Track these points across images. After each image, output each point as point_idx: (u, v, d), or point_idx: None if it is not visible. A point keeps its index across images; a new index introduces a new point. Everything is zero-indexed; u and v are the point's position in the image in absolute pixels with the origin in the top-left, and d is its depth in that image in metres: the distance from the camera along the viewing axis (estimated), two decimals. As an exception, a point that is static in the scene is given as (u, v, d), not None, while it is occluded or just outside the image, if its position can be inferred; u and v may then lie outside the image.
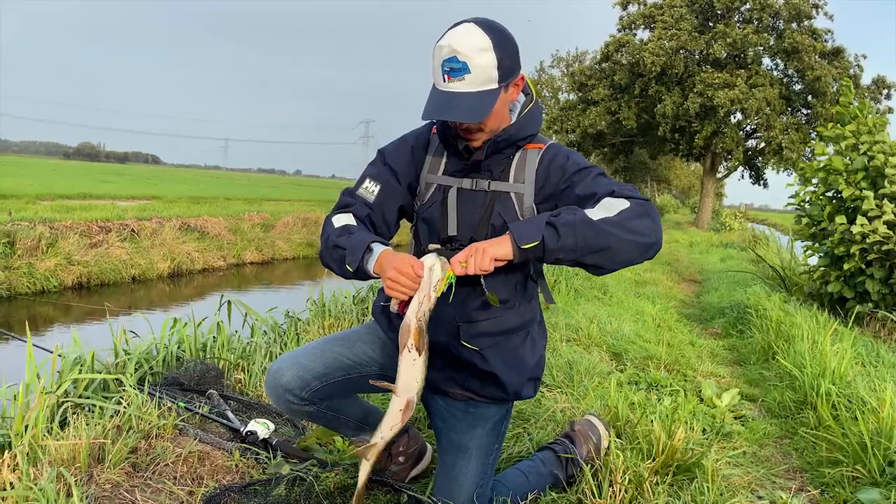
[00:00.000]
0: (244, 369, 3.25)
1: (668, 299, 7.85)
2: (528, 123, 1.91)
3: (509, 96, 1.86)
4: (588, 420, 2.54)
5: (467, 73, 1.73)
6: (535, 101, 1.94)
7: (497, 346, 1.98)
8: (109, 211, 13.59)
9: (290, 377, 1.98)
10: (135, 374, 2.75)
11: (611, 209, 1.71)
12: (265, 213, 16.76)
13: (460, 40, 1.72)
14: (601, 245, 1.68)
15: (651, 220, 1.74)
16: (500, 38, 1.76)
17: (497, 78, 1.76)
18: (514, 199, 1.90)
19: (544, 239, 1.66)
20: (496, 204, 1.90)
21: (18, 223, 10.52)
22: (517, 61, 1.82)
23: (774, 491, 2.65)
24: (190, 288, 12.02)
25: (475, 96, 1.75)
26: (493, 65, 1.74)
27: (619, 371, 4.16)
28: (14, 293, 9.31)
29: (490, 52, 1.73)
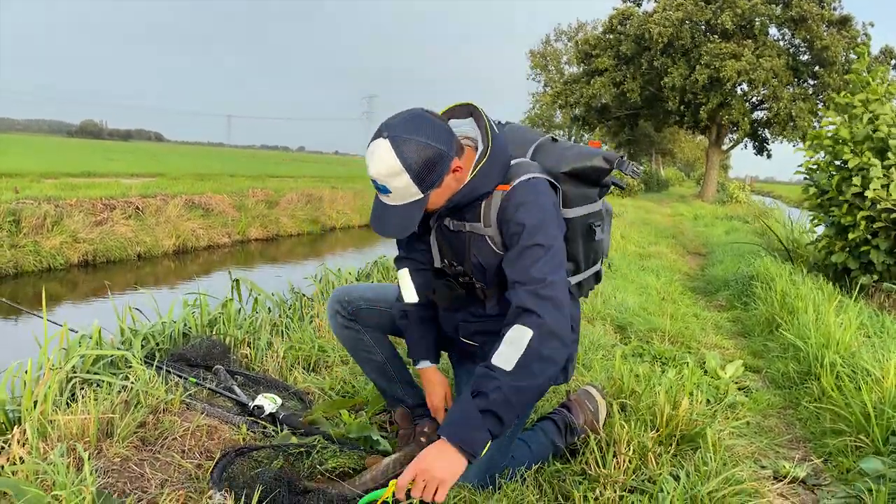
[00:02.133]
0: (250, 345, 3.27)
1: (673, 272, 7.84)
2: (478, 185, 1.90)
3: (447, 185, 1.87)
4: (585, 390, 2.57)
5: (389, 192, 1.81)
6: (489, 156, 1.89)
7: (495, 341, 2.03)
8: (114, 188, 13.59)
9: (342, 294, 2.41)
10: (142, 350, 2.78)
11: (518, 344, 1.75)
12: (269, 190, 16.73)
13: (375, 165, 1.79)
14: (534, 396, 1.86)
15: (554, 337, 1.77)
16: (414, 153, 1.76)
17: (418, 191, 1.81)
18: (489, 240, 1.98)
19: (491, 431, 1.69)
20: (472, 244, 2.01)
21: (24, 201, 10.53)
22: (442, 162, 1.81)
23: (777, 460, 2.68)
24: (195, 265, 12.06)
25: (402, 210, 1.84)
26: (408, 184, 1.79)
27: (624, 344, 4.18)
28: (20, 271, 9.36)
29: (402, 174, 1.77)
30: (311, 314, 4.23)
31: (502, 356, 1.74)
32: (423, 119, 1.82)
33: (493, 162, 1.90)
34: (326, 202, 17.81)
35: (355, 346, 2.46)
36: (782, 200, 22.48)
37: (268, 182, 20.27)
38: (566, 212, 2.06)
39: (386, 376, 2.51)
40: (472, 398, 1.70)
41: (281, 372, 3.16)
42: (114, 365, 2.65)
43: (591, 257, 2.23)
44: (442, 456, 1.66)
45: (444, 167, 1.82)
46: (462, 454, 1.66)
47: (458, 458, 1.66)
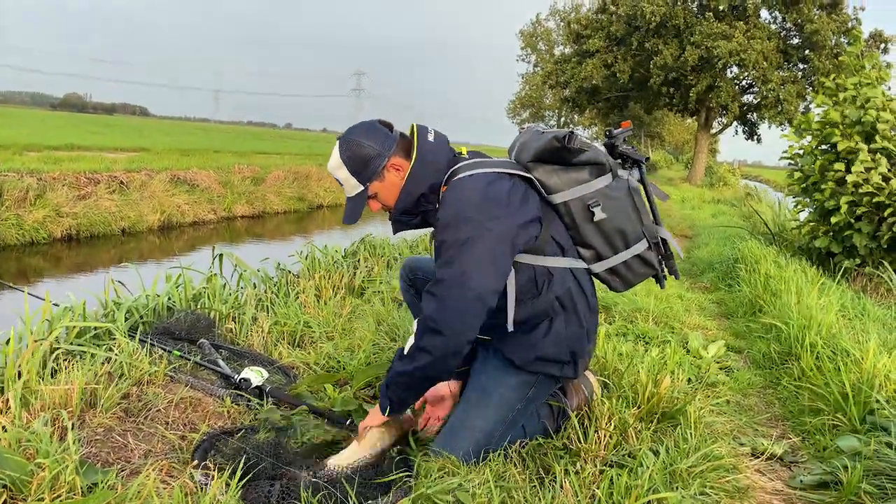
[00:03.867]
0: (235, 319, 3.27)
1: (659, 254, 7.89)
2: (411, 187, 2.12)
3: (391, 180, 2.14)
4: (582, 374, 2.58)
5: (342, 185, 2.16)
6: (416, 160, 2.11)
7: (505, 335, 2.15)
8: (98, 163, 13.43)
9: (410, 262, 2.65)
10: (125, 323, 2.77)
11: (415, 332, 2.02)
12: (255, 167, 16.60)
13: (329, 162, 2.16)
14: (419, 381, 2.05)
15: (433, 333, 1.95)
16: (351, 150, 2.11)
17: (357, 182, 2.13)
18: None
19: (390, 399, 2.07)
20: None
21: (5, 174, 10.39)
22: (376, 159, 2.11)
23: (756, 438, 2.72)
24: (180, 241, 11.98)
25: (352, 201, 2.16)
26: (348, 176, 2.13)
27: (608, 323, 4.21)
28: (2, 244, 9.26)
29: (343, 168, 2.12)
30: (297, 290, 4.23)
31: (410, 340, 2.03)
32: (370, 126, 2.16)
33: (421, 164, 2.11)
34: (314, 180, 17.71)
35: (413, 304, 2.66)
36: (769, 185, 22.63)
37: (254, 159, 20.12)
38: (552, 198, 2.15)
39: None
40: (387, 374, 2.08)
41: (266, 347, 3.16)
42: (97, 338, 2.63)
43: (614, 239, 2.21)
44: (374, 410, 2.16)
45: (379, 163, 2.10)
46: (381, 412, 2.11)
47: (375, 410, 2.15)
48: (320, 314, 3.60)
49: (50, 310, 2.55)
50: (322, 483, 1.78)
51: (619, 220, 2.20)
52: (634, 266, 2.28)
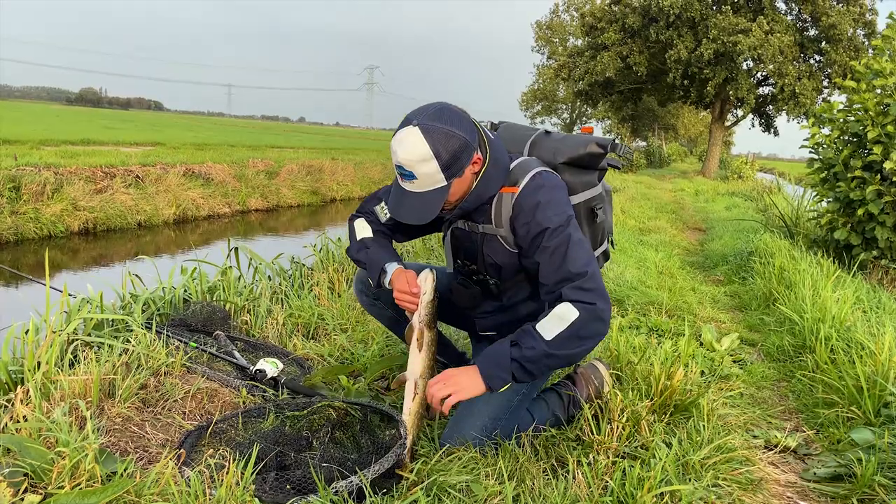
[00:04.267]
0: (250, 311, 3.30)
1: (672, 247, 7.86)
2: (482, 191, 2.00)
3: (466, 177, 1.97)
4: (592, 364, 2.60)
5: (414, 178, 1.90)
6: (490, 162, 1.99)
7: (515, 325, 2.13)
8: (114, 157, 13.54)
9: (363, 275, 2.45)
10: (142, 315, 2.80)
11: (563, 319, 1.88)
12: (269, 160, 16.67)
13: (404, 151, 1.87)
14: (562, 364, 1.97)
15: (601, 321, 1.91)
16: (442, 141, 1.86)
17: (444, 178, 1.90)
18: (501, 240, 2.09)
19: (514, 376, 1.91)
20: (485, 245, 2.13)
21: (23, 168, 10.50)
22: (467, 151, 1.91)
23: (769, 430, 2.71)
24: (195, 234, 12.07)
25: (423, 197, 1.93)
26: (436, 171, 1.88)
27: (621, 316, 4.21)
28: (21, 238, 9.37)
29: (432, 161, 1.86)
30: (311, 283, 4.26)
31: (546, 326, 1.89)
32: (450, 110, 1.92)
33: (495, 167, 2.00)
34: (327, 173, 17.77)
35: (382, 317, 2.56)
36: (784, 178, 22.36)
37: (268, 153, 20.19)
38: (570, 199, 2.16)
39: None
40: (510, 345, 1.91)
41: (281, 338, 3.19)
42: (115, 329, 2.67)
43: (597, 238, 2.33)
44: (468, 375, 1.94)
45: (468, 157, 1.91)
46: (483, 382, 1.92)
47: (479, 382, 1.93)
48: (334, 306, 3.63)
49: (68, 301, 2.58)
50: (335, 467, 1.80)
51: (608, 221, 2.41)
52: (599, 261, 2.40)
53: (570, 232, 1.97)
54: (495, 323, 2.29)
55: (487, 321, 2.31)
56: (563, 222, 1.98)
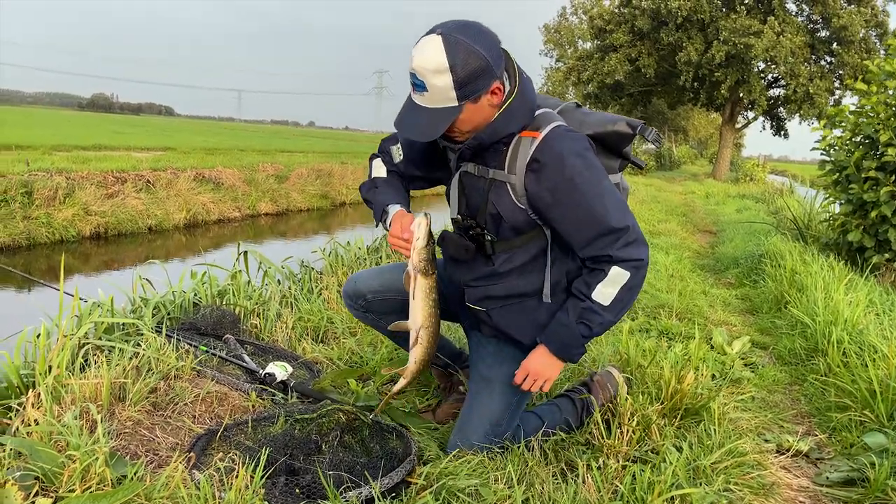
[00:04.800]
0: (260, 315, 3.30)
1: (683, 250, 7.82)
2: (502, 124, 1.87)
3: (482, 106, 1.83)
4: (608, 371, 2.57)
5: (425, 90, 1.77)
6: (517, 94, 1.87)
7: (506, 309, 2.10)
8: (125, 162, 13.63)
9: (350, 289, 2.38)
10: (152, 318, 2.82)
11: (616, 283, 1.91)
12: (279, 165, 16.73)
13: (421, 57, 1.74)
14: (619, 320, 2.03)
15: (646, 269, 1.95)
16: (463, 56, 1.72)
17: (455, 98, 1.76)
18: (509, 188, 1.95)
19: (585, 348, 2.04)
20: (491, 193, 1.98)
21: (35, 173, 10.59)
22: (487, 75, 1.77)
23: (781, 434, 2.69)
24: (206, 238, 12.12)
25: (431, 113, 1.80)
26: (448, 86, 1.74)
27: (631, 319, 4.19)
28: (33, 242, 9.44)
29: (446, 74, 1.72)
30: (321, 287, 4.26)
31: (602, 293, 1.92)
32: (479, 28, 1.79)
33: (521, 102, 1.88)
34: (336, 177, 17.81)
35: (378, 326, 2.45)
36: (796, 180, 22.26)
37: (278, 157, 20.27)
38: None
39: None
40: (575, 323, 1.95)
41: (290, 342, 3.20)
42: (126, 333, 2.68)
43: None
44: (548, 362, 2.03)
45: (487, 82, 1.78)
46: (562, 362, 2.05)
47: (559, 363, 2.04)
48: (343, 310, 3.63)
49: (79, 305, 2.60)
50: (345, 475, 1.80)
51: None
52: None
53: (605, 182, 1.90)
54: (485, 294, 2.10)
55: (478, 290, 2.11)
56: (596, 172, 1.89)
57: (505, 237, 2.03)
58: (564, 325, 1.96)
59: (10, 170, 10.44)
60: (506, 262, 2.05)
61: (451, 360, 2.60)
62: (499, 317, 2.11)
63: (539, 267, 2.06)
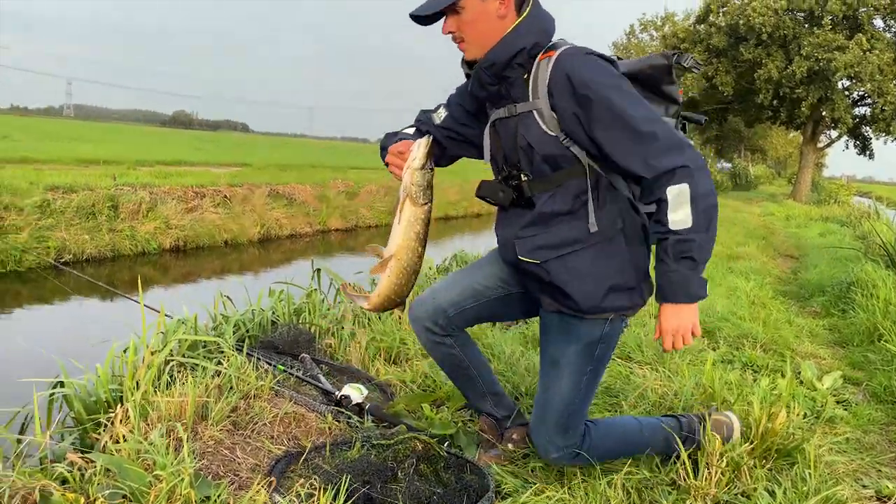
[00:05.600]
0: (334, 334, 3.33)
1: (763, 275, 7.51)
2: (511, 38, 1.85)
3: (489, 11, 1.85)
4: (727, 415, 2.39)
5: None
6: (530, 13, 1.86)
7: (561, 259, 1.95)
8: (203, 177, 14.12)
9: (428, 309, 2.22)
10: (233, 336, 2.87)
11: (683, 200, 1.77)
12: (350, 181, 17.02)
13: None
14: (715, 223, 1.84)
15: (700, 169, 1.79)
16: None
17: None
18: (536, 116, 1.89)
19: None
20: (520, 126, 1.92)
21: (121, 188, 11.08)
22: None
23: (880, 480, 2.52)
24: (278, 253, 12.42)
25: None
26: None
27: (712, 349, 4.03)
28: (117, 254, 9.87)
29: None
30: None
31: (678, 220, 1.78)
32: None
33: (533, 20, 1.87)
34: (405, 194, 17.98)
35: (447, 362, 2.31)
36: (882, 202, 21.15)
37: (349, 174, 20.61)
38: None
39: (476, 391, 2.38)
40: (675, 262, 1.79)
41: (363, 362, 3.20)
42: (207, 350, 2.74)
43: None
44: (682, 313, 1.87)
45: None
46: (689, 305, 1.87)
47: (691, 307, 1.88)
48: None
49: (164, 322, 2.67)
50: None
51: None
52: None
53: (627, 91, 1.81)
54: (535, 245, 1.96)
55: (527, 242, 1.98)
56: (618, 79, 1.82)
57: (540, 173, 1.93)
58: (670, 272, 1.82)
59: (98, 184, 10.96)
60: (548, 202, 1.94)
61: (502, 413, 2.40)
62: (556, 270, 1.95)
63: (589, 209, 1.93)
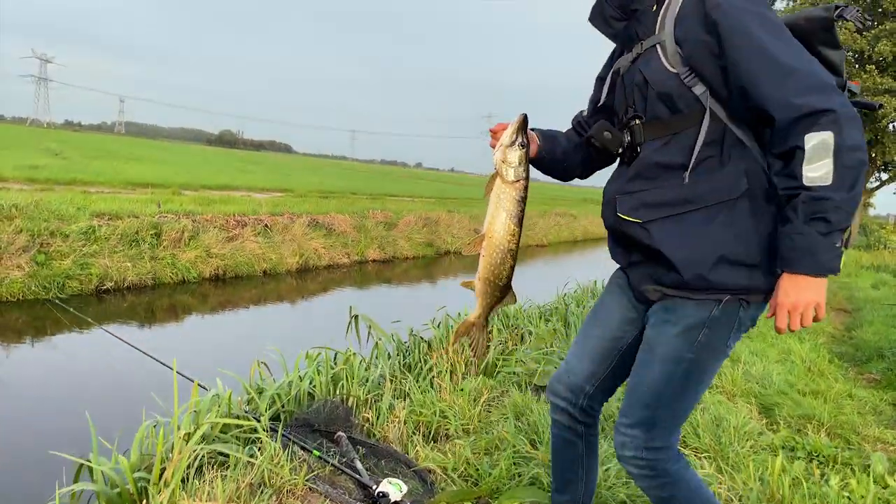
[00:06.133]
0: (371, 406, 3.17)
1: (816, 334, 7.15)
2: None
3: None
4: None
5: None
6: None
7: (667, 220, 1.70)
8: (246, 205, 14.22)
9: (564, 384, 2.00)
10: (267, 412, 2.73)
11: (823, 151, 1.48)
12: (388, 212, 17.00)
13: None
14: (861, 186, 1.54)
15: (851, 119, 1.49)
16: None
17: None
18: (659, 50, 1.69)
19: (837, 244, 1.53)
20: (641, 65, 1.73)
21: (165, 215, 11.19)
22: None
23: None
24: (316, 283, 12.38)
25: None
26: None
27: (772, 431, 3.76)
28: (158, 282, 9.91)
29: None
30: (430, 365, 4.13)
31: (816, 175, 1.49)
32: None
33: None
34: (443, 225, 17.91)
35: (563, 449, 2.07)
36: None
37: (387, 203, 20.67)
38: None
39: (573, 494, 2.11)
40: (806, 224, 1.51)
41: (402, 439, 3.04)
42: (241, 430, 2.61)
43: None
44: (804, 286, 1.55)
45: None
46: (820, 277, 1.55)
47: (817, 282, 1.55)
48: (456, 402, 3.44)
49: (197, 400, 2.54)
50: None
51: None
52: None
53: (767, 15, 1.58)
54: (639, 202, 1.74)
55: (631, 200, 1.76)
56: (753, 6, 1.58)
57: (655, 116, 1.71)
58: (796, 234, 1.52)
59: (143, 210, 11.08)
60: (660, 151, 1.71)
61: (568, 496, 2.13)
62: (659, 233, 1.70)
63: (708, 165, 1.67)
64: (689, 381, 1.76)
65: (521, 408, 3.42)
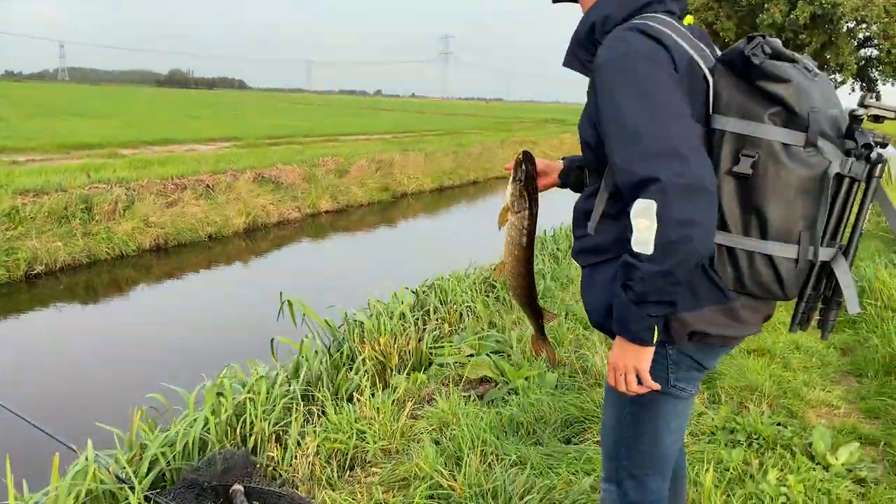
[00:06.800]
0: (279, 440, 2.92)
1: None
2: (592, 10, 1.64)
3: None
4: None
5: None
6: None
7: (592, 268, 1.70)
8: (186, 164, 13.54)
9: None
10: (147, 477, 2.46)
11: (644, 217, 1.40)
12: (339, 158, 16.43)
13: None
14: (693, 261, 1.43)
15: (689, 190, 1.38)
16: None
17: None
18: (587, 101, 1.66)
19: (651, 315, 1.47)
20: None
21: (96, 186, 10.59)
22: None
23: None
24: (266, 242, 12.00)
25: None
26: None
27: (713, 409, 3.61)
28: (94, 259, 9.44)
29: None
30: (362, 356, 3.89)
31: (638, 240, 1.43)
32: None
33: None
34: (397, 167, 17.42)
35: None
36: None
37: (340, 147, 20.02)
38: (715, 118, 1.52)
39: None
40: (620, 288, 1.49)
41: (313, 473, 2.81)
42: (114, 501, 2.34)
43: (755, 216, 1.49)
44: (626, 349, 1.55)
45: None
46: (632, 345, 1.53)
47: (635, 349, 1.53)
48: (377, 417, 3.21)
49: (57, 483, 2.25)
50: None
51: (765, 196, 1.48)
52: (758, 269, 1.51)
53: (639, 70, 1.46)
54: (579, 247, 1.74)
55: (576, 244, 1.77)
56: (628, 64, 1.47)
57: (588, 163, 1.75)
58: (616, 297, 1.51)
59: (72, 182, 10.47)
60: (587, 199, 1.72)
61: None
62: (583, 279, 1.74)
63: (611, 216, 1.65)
64: (639, 425, 1.72)
65: (447, 419, 3.19)
